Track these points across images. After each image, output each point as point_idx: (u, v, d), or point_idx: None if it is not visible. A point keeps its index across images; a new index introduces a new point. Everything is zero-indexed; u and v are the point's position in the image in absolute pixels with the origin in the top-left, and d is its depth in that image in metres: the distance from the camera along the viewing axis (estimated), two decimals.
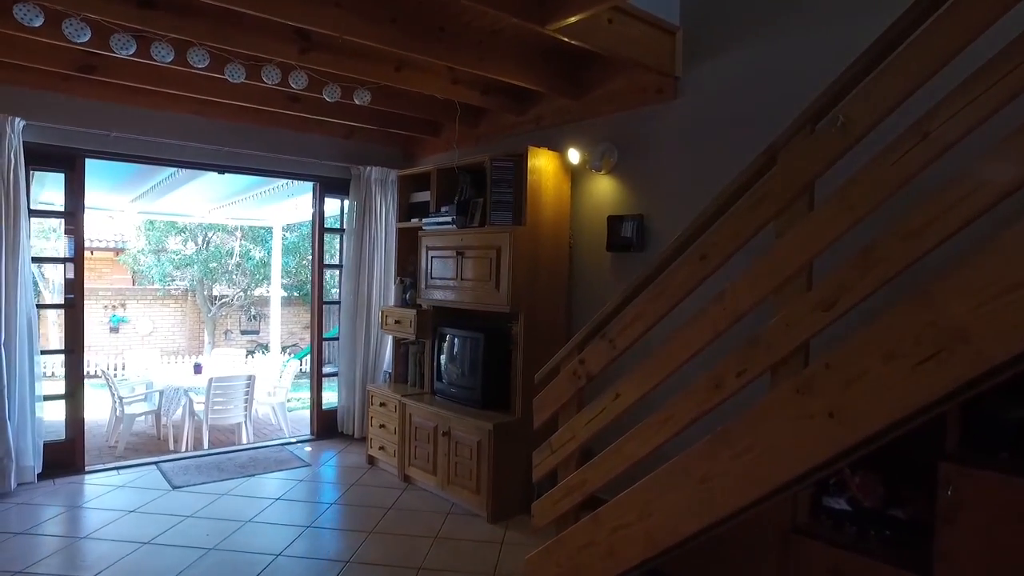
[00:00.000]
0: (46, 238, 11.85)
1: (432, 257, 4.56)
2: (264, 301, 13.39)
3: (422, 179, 5.03)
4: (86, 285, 4.65)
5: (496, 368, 4.27)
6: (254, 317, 14.39)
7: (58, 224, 12.46)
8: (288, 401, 7.36)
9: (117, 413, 6.38)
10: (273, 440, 5.88)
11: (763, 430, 2.09)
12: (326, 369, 6.00)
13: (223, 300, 13.68)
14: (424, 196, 4.98)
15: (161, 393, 6.60)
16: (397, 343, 5.19)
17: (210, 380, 6.00)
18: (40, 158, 4.45)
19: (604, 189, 4.16)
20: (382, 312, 5.09)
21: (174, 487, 4.40)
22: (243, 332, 14.42)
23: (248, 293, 13.74)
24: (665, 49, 3.61)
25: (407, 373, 5.08)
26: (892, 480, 2.47)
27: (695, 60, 3.64)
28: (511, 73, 3.88)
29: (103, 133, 4.52)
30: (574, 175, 4.32)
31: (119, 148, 4.64)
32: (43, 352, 4.58)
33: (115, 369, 11.97)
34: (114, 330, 13.32)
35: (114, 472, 4.74)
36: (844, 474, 2.50)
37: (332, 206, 6.27)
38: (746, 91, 3.41)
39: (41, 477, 4.41)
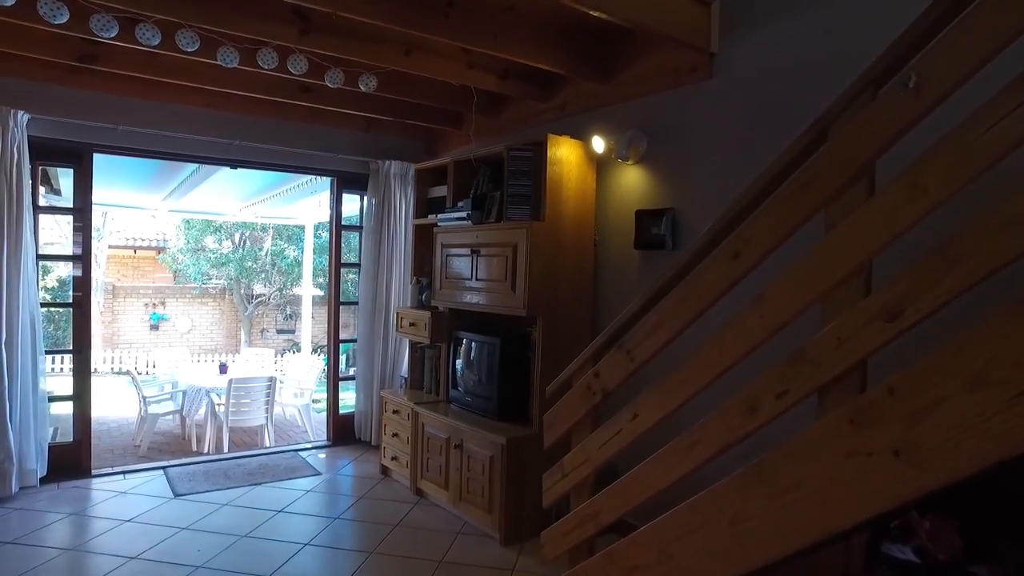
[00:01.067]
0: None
1: (447, 256, 4.25)
2: (300, 300, 13.34)
3: (440, 173, 4.73)
4: (128, 284, 4.51)
5: (514, 376, 3.93)
6: (290, 316, 14.41)
7: (101, 223, 12.69)
8: (315, 403, 7.20)
9: (142, 412, 6.31)
10: (286, 446, 5.68)
11: (808, 467, 1.69)
12: (344, 372, 5.77)
13: (259, 299, 13.73)
14: (442, 191, 4.68)
15: (184, 393, 6.50)
16: (413, 347, 4.91)
17: (230, 381, 5.85)
18: (47, 153, 4.33)
19: (632, 181, 3.78)
20: (397, 314, 4.82)
21: (176, 495, 4.21)
22: (279, 331, 14.46)
23: (284, 292, 13.75)
24: (699, 21, 3.21)
25: (423, 379, 4.79)
26: (975, 526, 2.03)
27: (732, 34, 3.23)
28: (530, 54, 3.54)
29: (110, 127, 4.37)
30: (599, 166, 3.95)
31: (127, 142, 4.48)
32: (49, 352, 4.45)
33: (147, 366, 12.11)
34: (154, 328, 13.51)
35: (120, 477, 4.59)
36: (911, 516, 2.08)
37: (353, 204, 6.06)
38: (790, 68, 2.99)
39: (46, 480, 4.28)
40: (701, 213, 3.39)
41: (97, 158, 5.28)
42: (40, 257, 4.32)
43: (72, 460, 4.48)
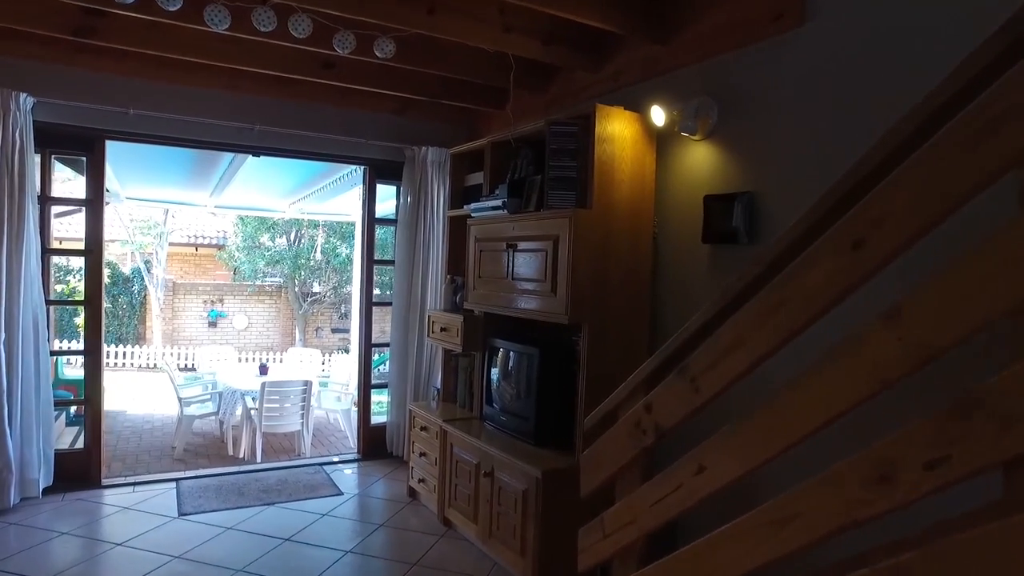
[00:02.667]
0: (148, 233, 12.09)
1: (481, 251, 3.69)
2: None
3: (477, 157, 4.17)
4: (189, 280, 4.18)
5: (555, 394, 3.33)
6: (344, 315, 14.24)
7: (162, 220, 12.79)
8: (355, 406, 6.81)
9: (178, 414, 6.08)
10: (311, 459, 5.25)
11: None
12: (375, 379, 5.31)
13: (314, 297, 13.61)
14: (478, 178, 4.12)
15: (220, 395, 6.22)
16: (447, 355, 4.37)
17: (263, 384, 5.49)
18: (57, 139, 4.02)
19: (699, 160, 3.11)
20: (429, 317, 4.29)
21: (181, 514, 3.81)
22: (334, 330, 14.32)
23: (339, 290, 13.58)
24: None
25: (456, 391, 4.24)
26: None
27: None
28: (575, 8, 2.93)
29: (121, 111, 4.02)
30: (660, 143, 3.29)
31: (141, 128, 4.13)
32: (55, 353, 4.16)
33: (190, 362, 12.10)
34: (212, 324, 13.60)
35: (130, 489, 4.24)
36: None
37: (391, 199, 5.58)
38: (910, 4, 2.26)
39: (51, 491, 3.97)
40: (788, 197, 2.69)
41: (129, 149, 5.07)
42: (48, 251, 4.03)
43: (81, 469, 4.17)
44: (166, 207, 12.52)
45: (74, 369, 9.93)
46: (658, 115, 3.13)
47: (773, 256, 1.61)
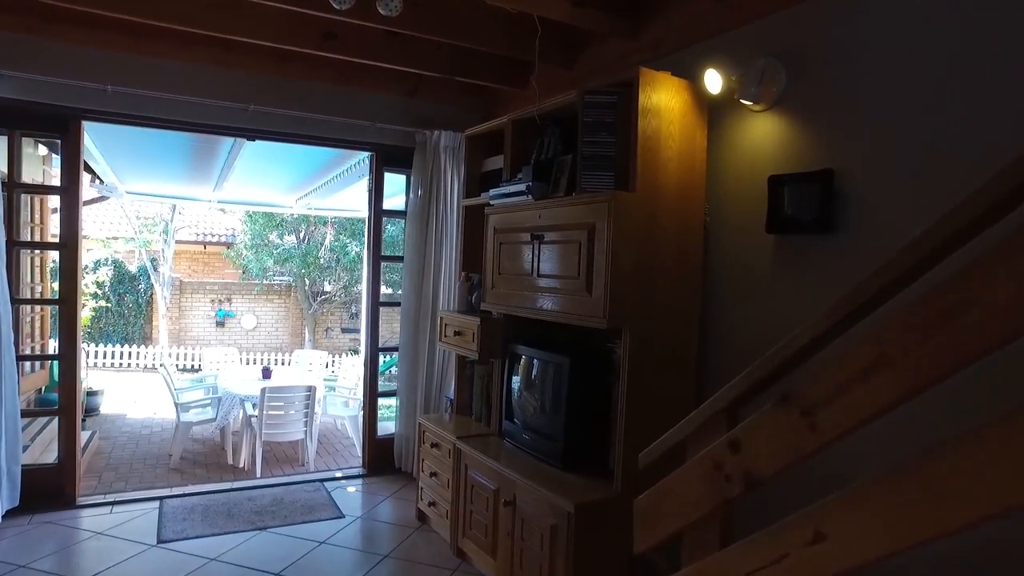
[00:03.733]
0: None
1: (501, 244, 3.21)
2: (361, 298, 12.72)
3: (496, 139, 3.70)
4: (197, 279, 3.75)
5: (588, 410, 2.85)
6: (355, 315, 13.84)
7: (169, 217, 12.38)
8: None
9: (176, 420, 5.67)
10: (312, 474, 4.80)
11: None
12: (384, 385, 4.85)
13: (324, 296, 13.22)
14: (498, 162, 3.65)
15: (219, 400, 5.81)
16: (461, 362, 3.90)
17: (263, 390, 5.07)
18: (27, 119, 3.61)
19: (762, 133, 2.61)
20: (440, 319, 3.81)
21: (160, 541, 3.37)
22: (344, 330, 13.92)
23: (349, 289, 13.18)
24: None
25: (472, 403, 3.77)
26: None
27: None
28: None
29: (98, 87, 3.59)
30: (712, 114, 2.80)
31: (121, 107, 3.70)
32: (23, 358, 3.74)
33: (189, 362, 11.76)
34: (220, 324, 13.25)
35: (107, 510, 3.80)
36: None
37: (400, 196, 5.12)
38: None
39: (17, 513, 3.54)
40: (880, 176, 2.19)
41: (118, 135, 4.66)
42: (16, 244, 3.61)
43: (53, 487, 3.73)
44: (171, 203, 12.17)
45: None
46: (713, 81, 2.63)
47: (928, 247, 1.12)
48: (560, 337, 3.17)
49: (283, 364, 12.20)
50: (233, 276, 14.14)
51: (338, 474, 4.67)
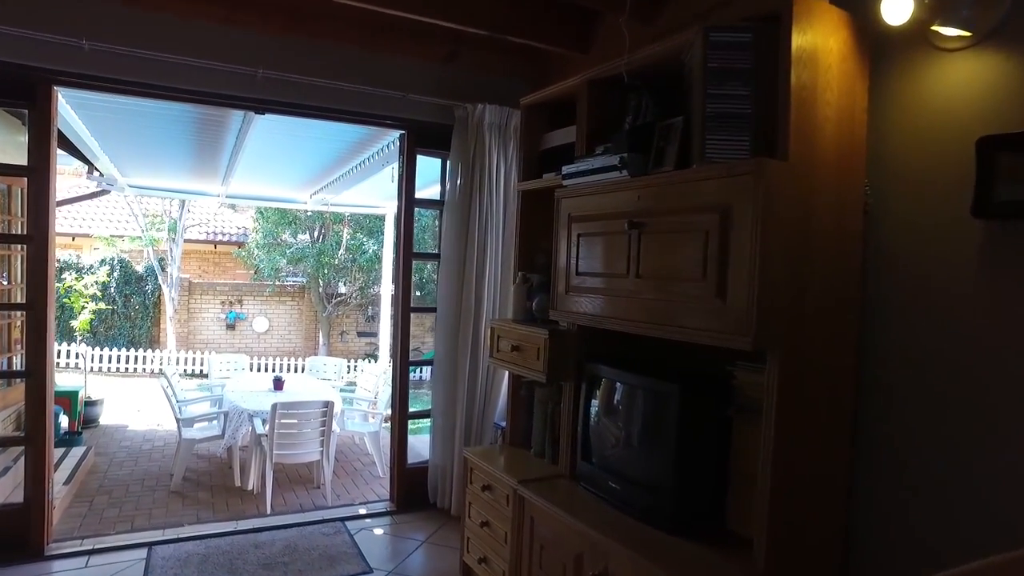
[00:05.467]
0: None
1: (579, 236, 2.49)
2: (380, 300, 12.02)
3: (561, 108, 2.99)
4: (207, 280, 3.06)
5: (704, 455, 2.14)
6: (371, 318, 13.17)
7: (178, 215, 11.65)
8: (388, 423, 5.68)
9: (178, 436, 5.04)
10: (332, 510, 4.11)
11: None
12: (415, 405, 4.14)
13: (339, 298, 12.56)
14: (565, 135, 2.93)
15: (225, 415, 5.15)
16: (515, 381, 3.18)
17: (274, 405, 4.41)
18: None
19: (965, 79, 1.87)
20: (492, 330, 3.09)
21: None
22: (359, 334, 13.26)
23: (365, 291, 12.51)
24: None
25: (531, 434, 3.05)
26: None
27: None
28: None
29: (73, 43, 2.91)
30: (879, 58, 2.07)
31: (101, 69, 3.02)
32: None
33: (193, 366, 11.15)
34: (230, 327, 12.63)
35: (82, 561, 3.12)
36: None
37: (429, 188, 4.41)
38: None
39: None
40: None
41: (108, 112, 4.00)
42: None
43: (16, 533, 3.05)
44: (179, 199, 11.56)
45: (68, 376, 8.96)
46: (896, 6, 1.89)
47: None
48: (657, 356, 2.45)
49: (296, 371, 11.57)
50: (244, 277, 13.54)
51: (362, 510, 3.97)
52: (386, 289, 9.18)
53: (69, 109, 4.14)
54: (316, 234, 12.29)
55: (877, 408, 2.05)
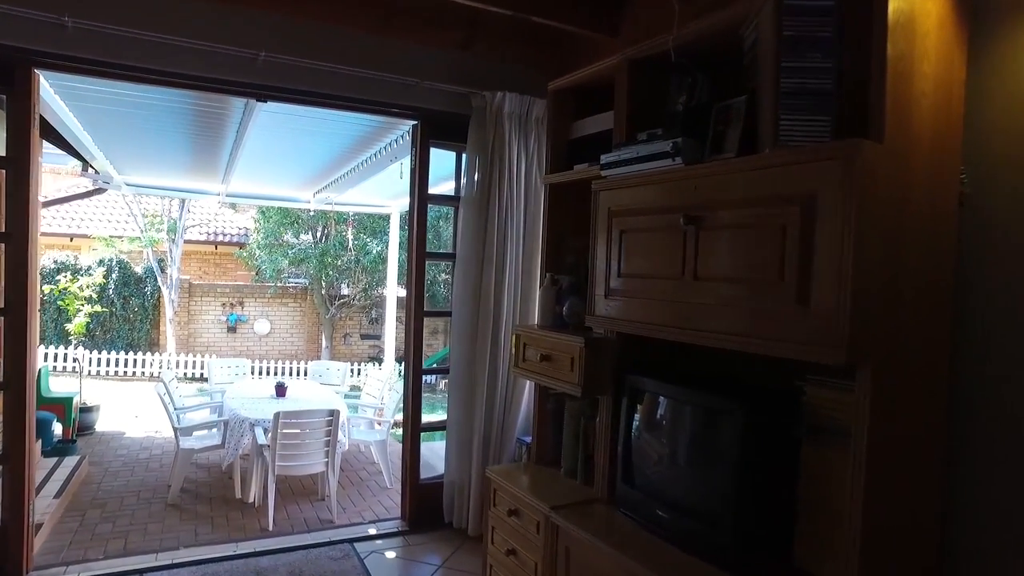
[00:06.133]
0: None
1: (623, 232, 2.20)
2: (385, 302, 11.71)
3: (589, 95, 2.71)
4: (208, 281, 2.79)
5: (771, 483, 1.86)
6: (375, 320, 12.89)
7: (178, 215, 11.39)
8: (396, 427, 5.40)
9: (175, 446, 4.80)
10: (337, 530, 3.83)
11: None
12: (429, 416, 3.86)
13: (342, 300, 12.27)
14: (598, 123, 2.66)
15: (225, 424, 4.89)
16: (542, 393, 2.90)
17: (276, 415, 4.14)
18: None
19: None
20: (516, 337, 2.80)
21: None
22: (363, 336, 12.97)
23: (369, 293, 12.22)
24: None
25: (558, 450, 2.77)
26: None
27: None
28: None
29: (53, 20, 2.64)
30: (977, 26, 1.79)
31: (87, 50, 2.75)
32: None
33: (189, 369, 10.88)
34: (231, 330, 12.35)
35: None
36: None
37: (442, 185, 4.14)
38: None
39: None
40: None
41: (102, 102, 3.74)
42: None
43: None
44: (178, 198, 11.29)
45: (65, 380, 8.67)
46: None
47: None
48: (695, 365, 2.17)
49: (299, 375, 11.29)
50: (245, 278, 13.26)
51: (372, 530, 3.69)
52: (391, 291, 8.91)
53: (58, 99, 3.88)
54: (319, 234, 12.02)
55: (970, 419, 1.77)
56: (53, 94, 3.75)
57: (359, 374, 10.70)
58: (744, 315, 1.76)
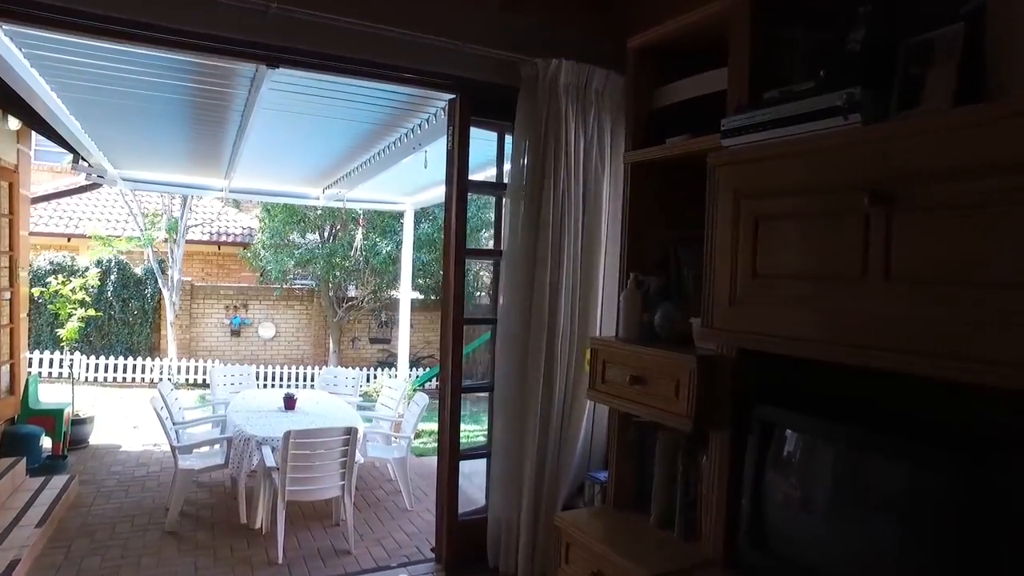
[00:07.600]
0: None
1: (758, 219, 1.66)
2: (396, 305, 11.16)
3: (676, 56, 2.18)
4: (210, 283, 2.27)
5: (1003, 564, 1.32)
6: (385, 323, 12.37)
7: (179, 214, 10.82)
8: (417, 438, 4.86)
9: (173, 466, 4.25)
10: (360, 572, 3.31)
11: None
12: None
13: (350, 302, 11.75)
14: (700, 85, 2.12)
15: (229, 442, 4.38)
16: (622, 421, 2.35)
17: (287, 435, 3.63)
18: None
19: None
20: (592, 353, 2.25)
21: None
22: (372, 340, 12.45)
23: (378, 295, 11.69)
24: None
25: (643, 492, 2.23)
26: None
27: None
28: None
29: None
30: None
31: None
32: None
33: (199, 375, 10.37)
34: (235, 333, 11.84)
35: None
36: None
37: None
38: None
39: None
40: None
41: (88, 78, 3.24)
42: None
43: None
44: (179, 194, 10.74)
45: (54, 391, 8.14)
46: None
47: None
48: (888, 401, 1.63)
49: (306, 380, 10.79)
50: (250, 279, 12.75)
51: (402, 575, 3.15)
52: (405, 293, 8.38)
53: (38, 78, 3.38)
54: (326, 234, 11.50)
55: None
56: (31, 70, 3.24)
57: (370, 379, 10.18)
58: (965, 329, 1.22)
